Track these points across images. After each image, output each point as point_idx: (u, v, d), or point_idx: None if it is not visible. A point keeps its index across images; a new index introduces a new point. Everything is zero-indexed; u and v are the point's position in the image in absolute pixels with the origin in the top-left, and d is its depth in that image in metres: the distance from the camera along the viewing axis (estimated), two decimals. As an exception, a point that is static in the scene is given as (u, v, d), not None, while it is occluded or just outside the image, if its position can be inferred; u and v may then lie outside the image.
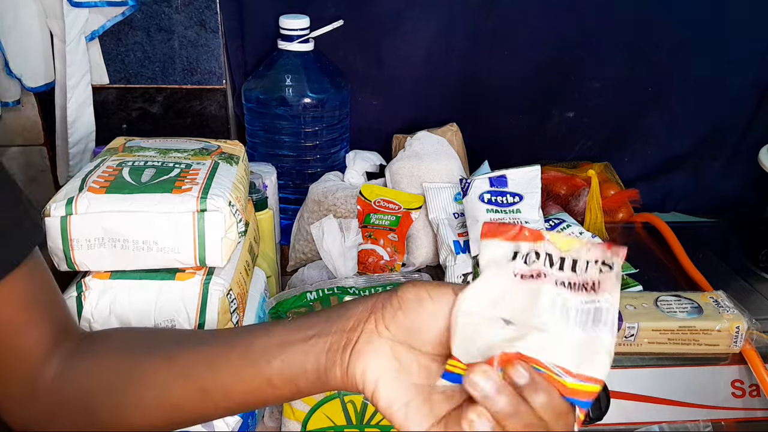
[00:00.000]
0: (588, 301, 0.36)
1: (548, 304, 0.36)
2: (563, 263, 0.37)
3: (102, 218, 0.55)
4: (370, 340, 0.38)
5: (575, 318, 0.35)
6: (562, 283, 0.36)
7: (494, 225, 0.38)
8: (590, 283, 0.36)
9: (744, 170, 1.04)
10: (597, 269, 0.36)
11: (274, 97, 0.92)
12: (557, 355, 0.35)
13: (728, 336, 0.66)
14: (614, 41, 0.98)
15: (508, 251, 0.37)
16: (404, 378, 0.37)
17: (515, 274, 0.37)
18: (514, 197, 0.79)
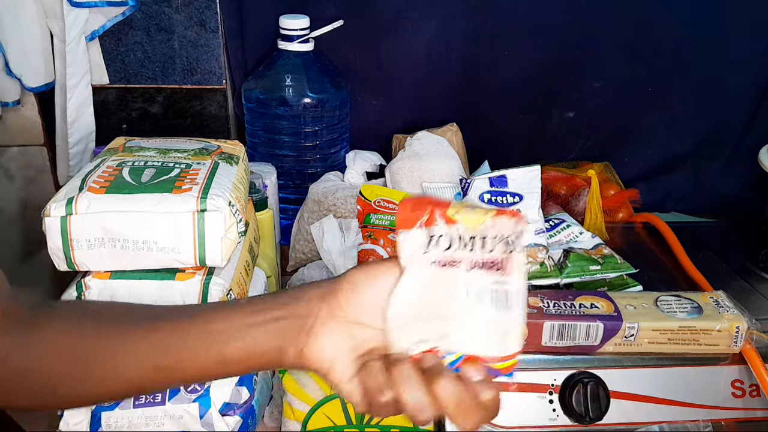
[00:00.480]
0: (498, 282, 0.39)
1: (463, 293, 0.39)
2: (474, 244, 0.39)
3: (102, 218, 0.55)
4: (326, 323, 0.40)
5: (489, 302, 0.39)
6: (475, 264, 0.39)
7: (407, 210, 0.40)
8: (498, 262, 0.39)
9: (744, 170, 1.04)
10: (502, 249, 0.39)
11: (274, 97, 0.92)
12: (477, 343, 0.39)
13: (728, 336, 0.66)
14: (614, 41, 0.98)
15: (424, 240, 0.40)
16: (353, 350, 0.40)
17: (432, 262, 0.39)
18: (514, 197, 0.79)
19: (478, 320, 0.39)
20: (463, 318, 0.39)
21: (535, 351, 0.67)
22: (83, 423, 0.57)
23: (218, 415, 0.57)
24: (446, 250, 0.39)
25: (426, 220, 0.40)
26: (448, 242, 0.39)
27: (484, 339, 0.39)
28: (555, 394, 0.67)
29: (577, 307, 0.67)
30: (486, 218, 0.39)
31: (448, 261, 0.39)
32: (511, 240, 0.39)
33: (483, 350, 0.39)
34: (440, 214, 0.39)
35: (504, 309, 0.39)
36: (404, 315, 0.40)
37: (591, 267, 0.75)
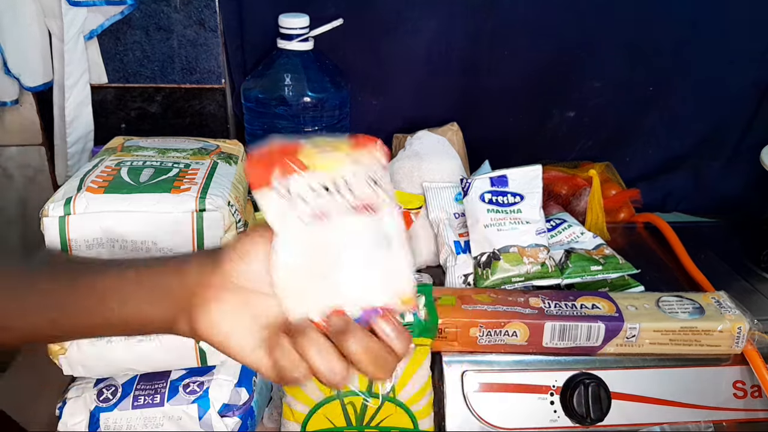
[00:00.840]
0: (373, 223, 0.37)
1: (342, 248, 0.37)
2: (338, 188, 0.37)
3: (100, 218, 0.55)
4: (217, 295, 0.39)
5: (369, 247, 0.37)
6: (346, 210, 0.37)
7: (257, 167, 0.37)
8: (368, 203, 0.37)
9: (745, 170, 1.03)
10: (367, 187, 0.37)
11: (273, 96, 0.91)
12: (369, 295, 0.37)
13: (730, 336, 0.66)
14: (614, 41, 0.98)
15: (285, 197, 0.37)
16: (254, 322, 0.39)
17: (301, 220, 0.37)
18: (515, 197, 0.78)
19: (363, 268, 0.37)
20: (349, 269, 0.37)
21: (536, 352, 0.67)
22: (82, 423, 0.57)
23: (217, 416, 0.57)
24: (311, 202, 0.37)
25: (280, 172, 0.37)
26: (312, 194, 0.37)
27: (376, 286, 0.37)
28: (556, 395, 0.67)
29: (579, 308, 0.67)
30: (342, 156, 0.37)
31: (318, 213, 0.37)
32: (375, 175, 0.37)
33: (378, 298, 0.37)
34: (293, 163, 0.37)
35: (386, 249, 0.37)
36: (290, 280, 0.38)
37: (592, 267, 0.75)
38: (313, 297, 0.38)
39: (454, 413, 0.66)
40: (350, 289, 0.37)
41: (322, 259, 0.37)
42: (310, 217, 0.37)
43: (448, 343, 0.66)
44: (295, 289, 0.38)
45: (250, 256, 0.39)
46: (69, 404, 0.57)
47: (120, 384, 0.58)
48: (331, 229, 0.37)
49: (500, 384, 0.66)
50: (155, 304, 0.40)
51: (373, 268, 0.37)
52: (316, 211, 0.37)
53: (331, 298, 0.37)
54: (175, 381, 0.57)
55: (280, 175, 0.37)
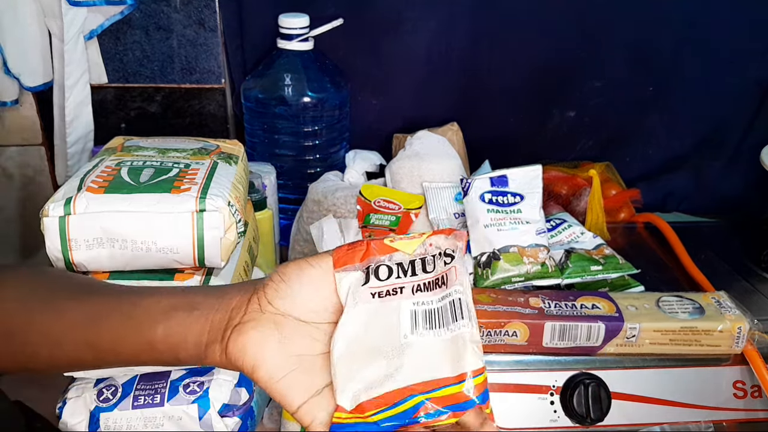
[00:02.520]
0: (443, 296, 0.37)
1: (409, 320, 0.37)
2: (414, 267, 0.38)
3: (101, 218, 0.55)
4: (253, 318, 0.38)
5: (438, 322, 0.36)
6: (418, 287, 0.37)
7: (343, 252, 0.38)
8: (440, 277, 0.37)
9: (745, 170, 1.03)
10: (442, 262, 0.37)
11: (273, 96, 0.91)
12: (432, 370, 0.35)
13: (730, 336, 0.66)
14: (615, 41, 0.98)
15: (361, 275, 0.38)
16: (286, 350, 0.38)
17: (373, 294, 0.37)
18: (515, 197, 0.78)
19: (427, 344, 0.36)
20: (411, 346, 0.36)
21: (536, 352, 0.67)
22: (82, 423, 0.57)
23: (217, 417, 0.57)
24: (386, 280, 0.37)
25: (362, 255, 0.38)
26: (387, 272, 0.38)
27: (438, 362, 0.36)
28: (556, 395, 0.67)
29: (579, 308, 0.67)
30: (422, 239, 0.38)
31: (390, 289, 0.37)
32: (450, 251, 0.37)
33: (439, 373, 0.35)
34: (375, 245, 0.38)
35: (453, 325, 0.36)
36: (349, 352, 0.36)
37: (592, 267, 0.75)
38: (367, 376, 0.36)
39: (454, 413, 0.66)
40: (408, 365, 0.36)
41: (385, 336, 0.37)
42: (382, 293, 0.37)
43: (448, 343, 0.66)
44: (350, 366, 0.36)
45: (292, 280, 0.38)
46: (69, 404, 0.57)
47: (120, 384, 0.58)
48: (401, 304, 0.37)
49: (500, 384, 0.66)
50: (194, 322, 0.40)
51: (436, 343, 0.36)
52: (389, 286, 0.38)
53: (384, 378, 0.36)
54: (175, 381, 0.57)
55: (363, 255, 0.38)
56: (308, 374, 0.38)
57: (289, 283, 0.38)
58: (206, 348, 0.40)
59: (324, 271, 0.38)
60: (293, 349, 0.38)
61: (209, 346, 0.39)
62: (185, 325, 0.40)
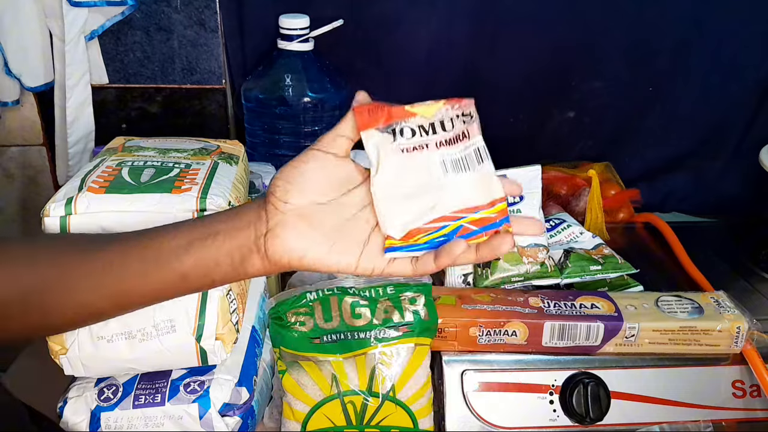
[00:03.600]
0: (466, 147, 0.44)
1: (439, 166, 0.44)
2: (434, 128, 0.44)
3: (101, 218, 0.55)
4: (277, 220, 0.43)
5: (464, 165, 0.44)
6: (442, 142, 0.44)
7: (365, 113, 0.43)
8: (461, 133, 0.44)
9: (745, 170, 1.03)
10: (461, 122, 0.44)
11: (273, 96, 0.92)
12: (467, 200, 0.44)
13: (729, 336, 0.66)
14: (614, 41, 0.98)
15: (387, 135, 0.43)
16: (320, 230, 0.43)
17: (402, 150, 0.43)
18: (514, 197, 0.78)
19: (459, 182, 0.43)
20: (446, 185, 0.43)
21: (535, 351, 0.67)
22: (83, 423, 0.57)
23: (218, 416, 0.57)
24: (412, 138, 0.43)
25: (385, 118, 0.43)
26: (411, 132, 0.43)
27: (471, 195, 0.44)
28: (555, 395, 0.67)
29: (578, 308, 0.67)
30: (439, 104, 0.44)
31: (417, 146, 0.43)
32: (467, 112, 0.44)
33: (473, 202, 0.43)
34: (397, 110, 0.43)
35: (478, 165, 0.44)
36: (390, 194, 0.43)
37: (592, 267, 0.75)
38: (410, 211, 0.43)
39: (453, 412, 0.66)
40: (446, 200, 0.43)
41: (419, 181, 0.43)
42: (409, 148, 0.43)
43: (447, 343, 0.66)
44: (393, 205, 0.43)
45: (295, 178, 0.43)
46: (70, 404, 0.57)
47: (121, 383, 0.58)
48: (428, 156, 0.43)
49: (500, 383, 0.66)
50: (223, 245, 0.43)
51: (466, 181, 0.44)
52: (415, 143, 0.43)
53: (427, 210, 0.43)
54: (175, 380, 0.58)
55: (386, 119, 0.43)
56: (349, 237, 0.44)
57: (292, 181, 0.43)
58: (242, 263, 0.44)
59: (315, 162, 0.43)
60: (326, 226, 0.43)
61: (245, 261, 0.44)
62: (213, 250, 0.44)
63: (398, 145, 0.43)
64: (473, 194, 0.44)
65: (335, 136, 0.44)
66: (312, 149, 0.44)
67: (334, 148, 0.44)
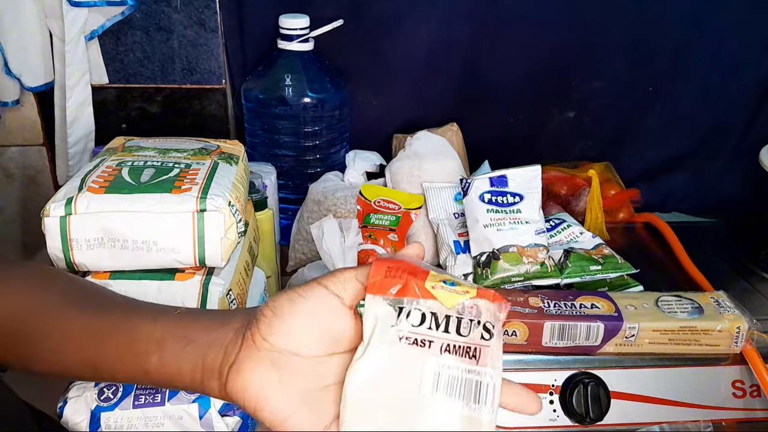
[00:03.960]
0: (471, 371, 0.35)
1: (432, 380, 0.35)
2: (448, 324, 0.36)
3: (101, 218, 0.55)
4: (249, 356, 0.37)
5: (459, 392, 0.35)
6: (447, 347, 0.35)
7: (381, 274, 0.36)
8: (473, 348, 0.35)
9: (745, 170, 1.04)
10: (479, 334, 0.35)
11: (273, 96, 0.92)
12: None
13: (729, 336, 0.66)
14: (614, 41, 0.98)
15: (393, 311, 0.36)
16: (288, 388, 0.36)
17: (401, 338, 0.36)
18: (514, 197, 0.78)
19: (443, 413, 0.35)
20: (427, 408, 0.35)
21: (535, 351, 0.67)
22: (83, 423, 0.57)
23: (218, 416, 0.57)
24: (417, 327, 0.36)
25: (399, 289, 0.36)
26: (420, 318, 0.36)
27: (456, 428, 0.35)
28: (555, 395, 0.67)
29: (578, 308, 0.67)
30: (465, 297, 0.36)
31: (419, 339, 0.35)
32: (489, 326, 0.36)
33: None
34: (416, 285, 0.36)
35: (473, 404, 0.35)
36: (363, 396, 0.35)
37: (591, 267, 0.75)
38: (377, 422, 0.35)
39: (453, 412, 0.66)
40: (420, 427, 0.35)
41: (403, 386, 0.35)
42: (410, 340, 0.36)
43: (447, 343, 0.66)
44: (363, 408, 0.35)
45: (285, 312, 0.37)
46: (70, 404, 0.57)
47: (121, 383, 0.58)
48: (426, 359, 0.35)
49: (500, 383, 0.66)
50: (188, 356, 0.39)
51: (451, 415, 0.35)
52: (419, 335, 0.36)
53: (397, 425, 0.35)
54: (175, 380, 0.58)
55: (399, 291, 0.36)
56: (314, 409, 0.37)
57: (282, 317, 0.37)
58: (202, 382, 0.39)
59: (316, 301, 0.37)
60: (295, 386, 0.37)
61: (206, 382, 0.39)
62: (179, 359, 0.39)
63: (399, 331, 0.36)
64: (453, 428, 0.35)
65: (350, 278, 0.37)
66: (317, 283, 0.37)
67: (343, 291, 0.37)
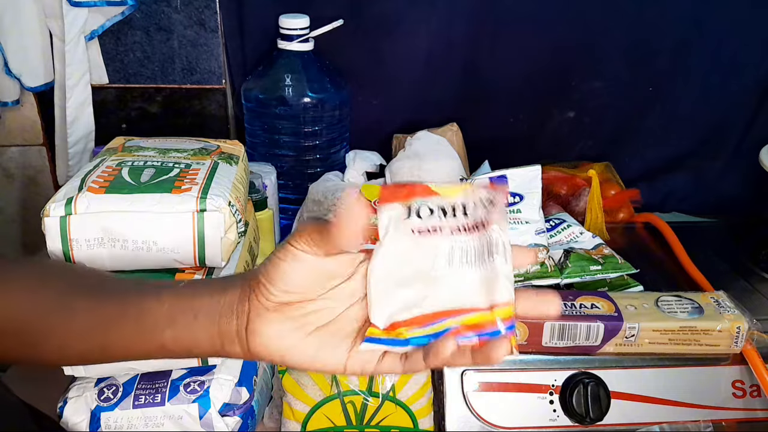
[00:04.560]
0: (480, 238, 0.39)
1: (446, 256, 0.38)
2: (455, 211, 0.39)
3: (101, 218, 0.55)
4: (260, 314, 0.39)
5: (474, 258, 0.38)
6: (458, 228, 0.39)
7: (390, 189, 0.39)
8: (480, 221, 0.39)
9: (745, 170, 1.03)
10: (482, 210, 0.39)
11: (273, 96, 0.92)
12: (464, 298, 0.38)
13: (729, 336, 0.66)
14: (614, 41, 0.98)
15: (403, 210, 0.39)
16: (305, 330, 0.39)
17: (413, 230, 0.39)
18: (514, 197, 0.79)
19: (459, 277, 0.38)
20: (444, 278, 0.38)
21: (535, 351, 0.67)
22: (83, 423, 0.57)
23: (218, 416, 0.57)
24: (427, 219, 0.39)
25: (406, 193, 0.39)
26: (428, 212, 0.39)
27: (469, 294, 0.38)
28: (555, 395, 0.67)
29: (578, 308, 0.67)
30: (466, 187, 0.39)
31: (430, 228, 0.39)
32: (491, 199, 0.39)
33: (470, 303, 0.38)
34: (420, 188, 0.39)
35: (488, 259, 0.38)
36: (384, 281, 0.39)
37: (591, 267, 0.75)
38: (403, 300, 0.38)
39: (453, 412, 0.66)
40: (441, 293, 0.38)
41: (422, 268, 0.38)
42: (422, 230, 0.39)
43: (447, 343, 0.66)
44: (386, 291, 0.39)
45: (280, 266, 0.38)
46: (70, 404, 0.57)
47: (121, 383, 0.58)
48: (440, 242, 0.39)
49: (500, 383, 0.67)
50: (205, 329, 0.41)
51: (472, 277, 0.38)
52: (429, 225, 0.39)
53: (420, 300, 0.38)
54: (175, 380, 0.58)
55: (406, 194, 0.39)
56: (336, 337, 0.40)
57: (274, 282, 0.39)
58: (224, 348, 0.41)
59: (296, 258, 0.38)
60: (311, 325, 0.39)
61: (227, 347, 0.41)
62: (193, 330, 0.41)
63: (410, 224, 0.39)
64: (472, 293, 0.38)
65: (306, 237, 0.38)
66: (287, 245, 0.39)
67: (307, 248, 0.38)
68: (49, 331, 0.44)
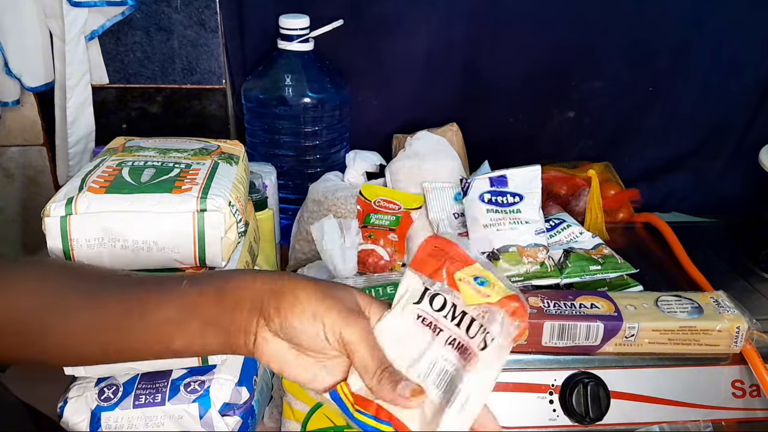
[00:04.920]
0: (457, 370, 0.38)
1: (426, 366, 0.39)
2: (462, 320, 0.39)
3: (102, 218, 0.55)
4: (266, 338, 0.42)
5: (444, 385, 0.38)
6: (452, 341, 0.38)
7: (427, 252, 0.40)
8: (469, 352, 0.38)
9: (744, 170, 1.04)
10: (480, 340, 0.38)
11: (273, 96, 0.92)
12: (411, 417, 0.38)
13: (729, 336, 0.66)
14: (614, 41, 0.98)
15: (421, 288, 0.40)
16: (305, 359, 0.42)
17: (418, 317, 0.39)
18: (514, 197, 0.79)
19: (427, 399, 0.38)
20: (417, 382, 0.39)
21: (535, 351, 0.67)
22: (83, 423, 0.57)
23: (218, 416, 0.57)
24: (437, 311, 0.39)
25: (433, 271, 0.40)
26: (442, 303, 0.39)
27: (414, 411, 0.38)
28: (555, 395, 0.67)
29: (578, 308, 0.67)
30: (482, 300, 0.38)
31: (432, 322, 0.39)
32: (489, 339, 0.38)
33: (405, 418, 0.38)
34: (447, 272, 0.39)
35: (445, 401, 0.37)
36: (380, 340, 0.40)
37: (591, 267, 0.75)
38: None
39: (453, 412, 0.66)
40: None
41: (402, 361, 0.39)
42: (424, 320, 0.40)
43: (447, 343, 0.66)
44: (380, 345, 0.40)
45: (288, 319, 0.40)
46: (70, 403, 0.57)
47: (121, 383, 0.58)
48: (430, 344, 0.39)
49: (499, 383, 0.67)
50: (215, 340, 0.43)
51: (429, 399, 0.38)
52: (431, 320, 0.40)
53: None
54: (176, 380, 0.58)
55: (433, 272, 0.40)
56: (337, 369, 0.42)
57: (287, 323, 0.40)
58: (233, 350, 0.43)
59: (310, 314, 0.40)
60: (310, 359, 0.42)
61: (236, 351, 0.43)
62: (203, 338, 0.43)
63: (418, 310, 0.40)
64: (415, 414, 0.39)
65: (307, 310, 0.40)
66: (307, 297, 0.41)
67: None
68: (48, 330, 0.44)
